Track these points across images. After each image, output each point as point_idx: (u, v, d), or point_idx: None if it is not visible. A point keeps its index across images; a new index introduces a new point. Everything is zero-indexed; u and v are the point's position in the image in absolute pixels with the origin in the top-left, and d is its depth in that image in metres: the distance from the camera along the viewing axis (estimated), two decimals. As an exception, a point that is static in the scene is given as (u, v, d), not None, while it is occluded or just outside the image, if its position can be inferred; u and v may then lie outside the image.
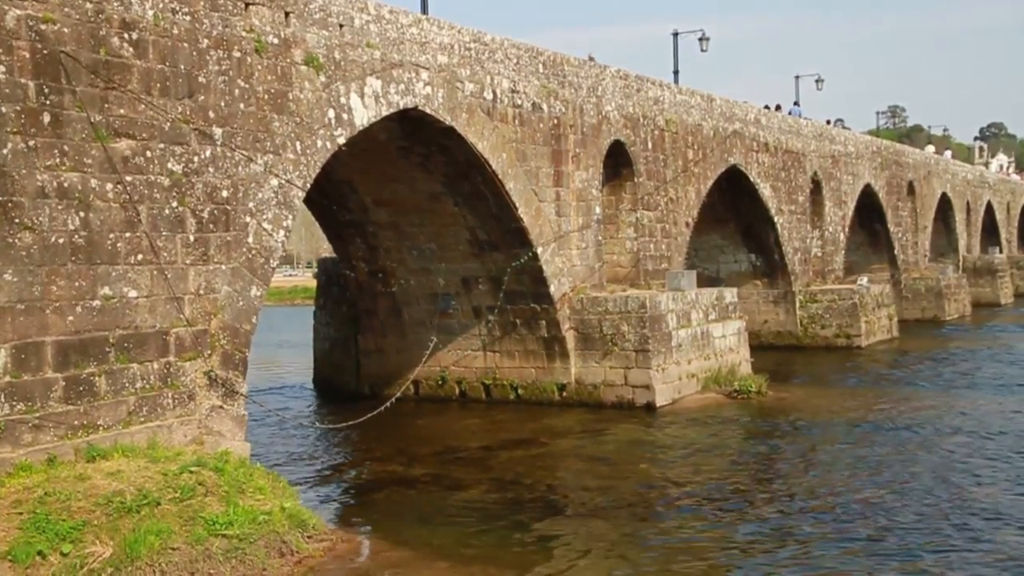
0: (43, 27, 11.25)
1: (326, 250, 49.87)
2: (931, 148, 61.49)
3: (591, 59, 26.45)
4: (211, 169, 13.29)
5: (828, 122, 41.58)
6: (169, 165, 12.69)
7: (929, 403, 21.76)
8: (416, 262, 21.87)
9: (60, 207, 11.38)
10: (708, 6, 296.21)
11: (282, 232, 14.47)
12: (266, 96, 14.25)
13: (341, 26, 15.86)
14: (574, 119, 22.06)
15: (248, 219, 13.85)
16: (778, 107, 39.13)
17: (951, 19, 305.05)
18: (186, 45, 12.99)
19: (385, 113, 16.74)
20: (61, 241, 11.39)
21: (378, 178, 20.29)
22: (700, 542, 11.97)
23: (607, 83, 23.44)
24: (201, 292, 13.14)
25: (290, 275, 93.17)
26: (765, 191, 31.27)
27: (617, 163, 23.92)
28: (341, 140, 15.71)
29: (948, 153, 64.15)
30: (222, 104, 13.48)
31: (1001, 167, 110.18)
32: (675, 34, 34.46)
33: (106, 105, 11.92)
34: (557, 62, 21.79)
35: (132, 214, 12.18)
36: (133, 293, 12.22)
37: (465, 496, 14.38)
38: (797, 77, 48.13)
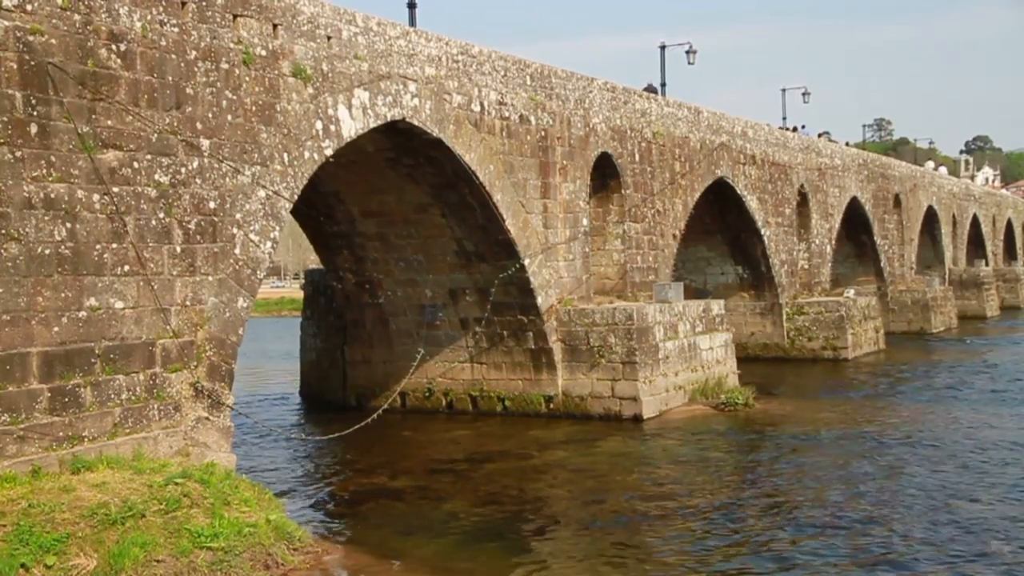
0: (31, 38, 11.25)
1: (313, 261, 49.92)
2: (930, 164, 61.61)
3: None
4: (198, 180, 13.29)
5: (819, 135, 41.89)
6: (156, 176, 12.68)
7: (916, 415, 21.84)
8: (403, 273, 21.87)
9: (47, 218, 11.37)
10: (696, 17, 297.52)
11: (269, 243, 14.48)
12: (254, 107, 14.26)
13: (329, 38, 15.89)
14: (561, 131, 22.13)
15: (235, 230, 13.85)
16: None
17: (938, 32, 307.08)
18: (174, 56, 13.00)
19: (373, 125, 16.78)
20: (47, 252, 11.38)
21: (365, 189, 20.31)
22: (687, 556, 11.97)
23: (594, 95, 23.53)
24: (187, 303, 13.12)
25: (277, 286, 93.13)
26: (752, 203, 31.39)
27: (604, 175, 24.00)
28: (329, 151, 15.73)
29: (943, 169, 64.44)
30: (209, 115, 13.49)
31: (987, 180, 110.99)
32: (662, 47, 34.67)
33: (93, 116, 11.92)
34: (544, 74, 21.87)
35: (119, 225, 12.17)
36: (119, 304, 12.20)
37: (451, 508, 14.37)
38: (783, 90, 48.50)
